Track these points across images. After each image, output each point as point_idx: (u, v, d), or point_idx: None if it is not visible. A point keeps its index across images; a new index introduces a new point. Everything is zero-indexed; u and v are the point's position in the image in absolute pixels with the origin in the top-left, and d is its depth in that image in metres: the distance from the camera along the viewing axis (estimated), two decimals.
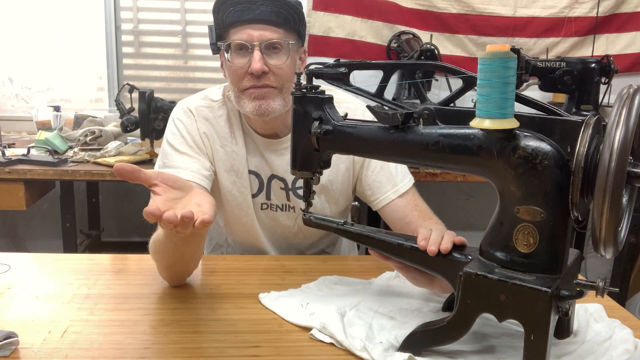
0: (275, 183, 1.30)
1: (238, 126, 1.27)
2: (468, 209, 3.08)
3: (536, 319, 0.72)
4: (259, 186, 1.30)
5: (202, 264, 1.20)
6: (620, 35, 2.85)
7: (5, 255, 1.20)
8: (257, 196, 1.30)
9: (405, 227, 1.23)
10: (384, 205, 1.28)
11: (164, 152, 1.26)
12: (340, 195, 1.33)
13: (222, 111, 1.27)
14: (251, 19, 1.13)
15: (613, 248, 0.69)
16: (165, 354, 0.84)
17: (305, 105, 0.94)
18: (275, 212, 1.32)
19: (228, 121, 1.27)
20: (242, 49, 1.15)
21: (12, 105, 2.81)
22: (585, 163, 0.70)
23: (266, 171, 1.29)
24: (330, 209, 1.33)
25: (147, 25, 2.82)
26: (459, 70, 0.86)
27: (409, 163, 0.92)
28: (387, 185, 1.28)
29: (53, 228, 2.71)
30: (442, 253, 0.85)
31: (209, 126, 1.26)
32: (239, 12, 1.13)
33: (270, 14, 1.13)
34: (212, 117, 1.27)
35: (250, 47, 1.14)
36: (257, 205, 1.31)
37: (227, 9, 1.14)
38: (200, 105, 1.28)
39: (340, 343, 0.86)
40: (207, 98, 1.29)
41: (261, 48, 1.13)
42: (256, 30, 1.13)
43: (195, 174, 1.20)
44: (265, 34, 1.14)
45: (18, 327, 0.87)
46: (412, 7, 2.75)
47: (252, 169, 1.29)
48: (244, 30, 1.14)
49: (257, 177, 1.30)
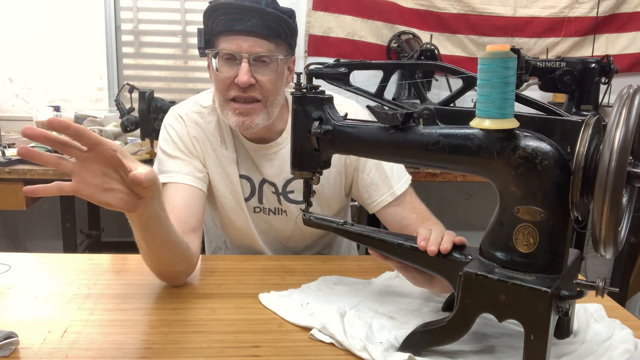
0: (266, 187, 1.30)
1: (227, 131, 1.28)
2: (468, 209, 3.07)
3: (536, 319, 0.72)
4: (250, 190, 1.30)
5: (202, 264, 1.20)
6: (620, 35, 2.85)
7: (5, 255, 1.20)
8: (250, 200, 1.31)
9: (404, 230, 1.22)
10: (380, 209, 1.27)
11: (158, 159, 1.27)
12: (332, 199, 1.32)
13: (212, 117, 1.28)
14: (242, 30, 1.12)
15: (613, 248, 0.69)
16: (165, 354, 0.84)
17: (305, 105, 0.94)
18: (268, 216, 1.32)
19: (218, 126, 1.28)
20: (230, 59, 1.14)
21: (12, 105, 2.81)
22: (585, 163, 0.70)
23: (257, 176, 1.29)
24: (322, 212, 1.32)
25: (147, 25, 2.82)
26: (459, 70, 0.86)
27: (409, 163, 0.92)
28: (383, 187, 1.27)
29: (53, 228, 2.71)
30: (442, 253, 0.85)
31: (200, 131, 1.27)
32: (230, 22, 1.12)
33: (261, 27, 1.12)
34: (203, 123, 1.28)
35: (239, 58, 1.12)
36: (250, 208, 1.31)
37: (219, 17, 1.12)
38: (191, 111, 1.29)
39: (340, 343, 0.86)
40: (197, 104, 1.30)
41: (249, 60, 1.12)
42: (246, 42, 1.12)
43: (188, 177, 1.21)
44: (254, 47, 1.12)
45: (18, 327, 0.87)
46: (412, 7, 2.75)
47: (244, 174, 1.29)
48: (234, 40, 1.12)
49: (248, 181, 1.30)
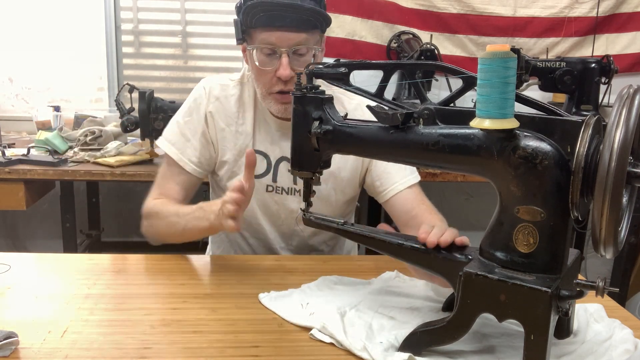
0: (283, 165, 1.31)
1: (250, 107, 1.31)
2: (468, 209, 3.07)
3: (536, 319, 0.72)
4: (266, 167, 1.32)
5: (202, 264, 1.20)
6: (620, 35, 2.85)
7: (5, 255, 1.20)
8: (263, 177, 1.32)
9: (411, 221, 1.24)
10: (392, 196, 1.29)
11: (171, 122, 1.35)
12: (348, 184, 1.34)
13: (235, 90, 1.33)
14: (281, 25, 1.16)
15: (613, 248, 0.69)
16: (165, 354, 0.84)
17: (305, 105, 0.95)
18: (281, 195, 1.33)
19: (238, 101, 1.32)
20: (270, 54, 1.19)
21: (12, 105, 2.81)
22: (585, 163, 0.70)
23: (276, 153, 1.31)
24: (335, 197, 1.34)
25: (147, 25, 2.82)
26: (459, 70, 0.86)
27: (409, 163, 0.92)
28: (396, 176, 1.29)
29: (53, 228, 2.71)
30: (441, 249, 0.85)
31: (217, 105, 1.31)
32: (270, 19, 1.16)
33: (299, 22, 1.16)
34: (223, 96, 1.32)
35: (279, 52, 1.17)
36: (262, 186, 1.32)
37: (258, 13, 1.16)
38: (216, 83, 1.34)
39: (340, 343, 0.86)
40: (226, 78, 1.35)
41: (289, 53, 1.17)
42: (285, 36, 1.16)
43: (182, 158, 1.30)
44: (292, 40, 1.17)
45: (18, 327, 0.87)
46: (412, 7, 2.75)
47: (261, 150, 1.31)
48: (273, 33, 1.17)
49: (265, 158, 1.31)
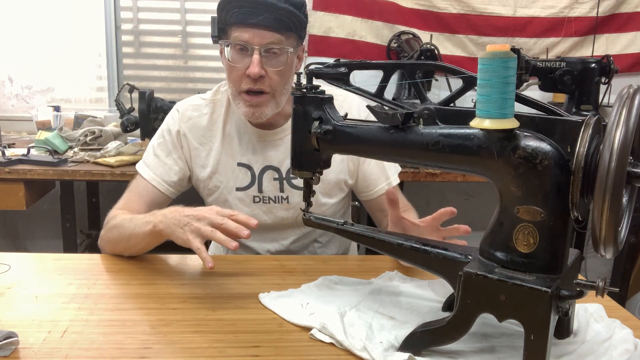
0: (268, 174, 1.32)
1: (223, 122, 1.32)
2: (468, 209, 3.06)
3: (536, 319, 0.72)
4: (250, 179, 1.32)
5: (202, 264, 1.19)
6: (620, 35, 2.84)
7: (5, 255, 1.20)
8: (249, 189, 1.32)
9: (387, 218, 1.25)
10: (377, 197, 1.35)
11: (149, 144, 1.36)
12: (334, 187, 1.35)
13: (207, 109, 1.34)
14: (254, 23, 1.16)
15: (613, 248, 0.69)
16: (165, 354, 0.84)
17: (305, 105, 0.95)
18: (269, 204, 1.34)
19: (211, 118, 1.33)
20: (242, 50, 1.19)
21: (12, 105, 2.81)
22: (585, 163, 0.70)
23: (259, 163, 1.32)
24: (323, 199, 1.35)
25: (147, 25, 2.82)
26: (459, 70, 0.86)
27: (409, 163, 0.92)
28: (381, 177, 1.35)
29: (53, 228, 2.71)
30: (441, 248, 0.87)
31: (190, 124, 1.33)
32: (244, 15, 1.16)
33: (272, 21, 1.16)
34: (195, 116, 1.34)
35: (250, 49, 1.17)
36: (249, 198, 1.33)
37: (232, 10, 1.17)
38: (189, 104, 1.35)
39: (340, 343, 0.86)
40: (198, 98, 1.37)
41: (260, 52, 1.17)
42: (258, 34, 1.16)
43: (155, 178, 1.30)
44: (265, 39, 1.17)
45: (18, 327, 0.87)
46: (412, 7, 2.75)
47: (244, 162, 1.32)
48: (246, 32, 1.17)
49: (248, 170, 1.32)
